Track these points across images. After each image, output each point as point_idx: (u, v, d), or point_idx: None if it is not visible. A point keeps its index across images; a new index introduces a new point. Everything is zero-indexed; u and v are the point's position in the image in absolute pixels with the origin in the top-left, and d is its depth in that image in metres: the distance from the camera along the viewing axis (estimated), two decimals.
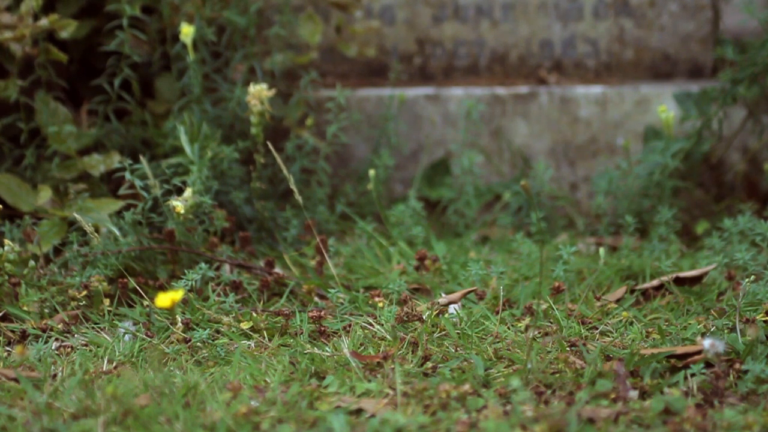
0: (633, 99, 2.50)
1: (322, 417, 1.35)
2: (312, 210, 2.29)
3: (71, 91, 2.33)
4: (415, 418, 1.34)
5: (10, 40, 2.18)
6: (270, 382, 1.50)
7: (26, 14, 2.18)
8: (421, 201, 2.33)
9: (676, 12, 2.62)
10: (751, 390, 1.43)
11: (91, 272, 1.90)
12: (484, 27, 2.66)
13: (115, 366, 1.60)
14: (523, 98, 2.52)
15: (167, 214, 2.02)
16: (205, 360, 1.62)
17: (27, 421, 1.35)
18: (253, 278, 1.97)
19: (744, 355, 1.50)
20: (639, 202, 2.32)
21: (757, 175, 2.43)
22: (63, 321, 1.78)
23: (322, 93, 2.48)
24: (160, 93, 2.35)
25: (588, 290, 1.86)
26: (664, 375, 1.48)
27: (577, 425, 1.31)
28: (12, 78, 2.21)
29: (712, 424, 1.33)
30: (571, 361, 1.52)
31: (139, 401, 1.39)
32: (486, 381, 1.48)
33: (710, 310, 1.79)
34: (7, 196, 2.15)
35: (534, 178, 2.41)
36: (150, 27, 2.32)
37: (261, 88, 2.15)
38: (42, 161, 2.23)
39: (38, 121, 2.22)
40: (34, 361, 1.60)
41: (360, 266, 2.10)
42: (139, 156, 2.09)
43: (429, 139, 2.52)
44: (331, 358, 1.58)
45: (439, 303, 1.79)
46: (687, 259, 2.12)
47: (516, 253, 2.15)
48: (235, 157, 2.18)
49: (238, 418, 1.34)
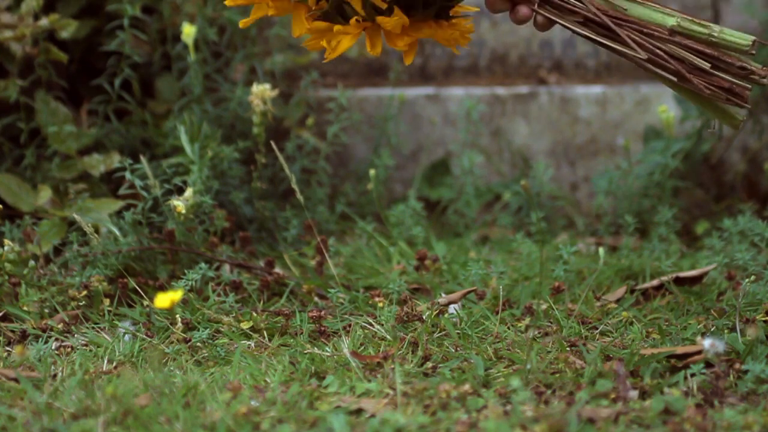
0: (633, 99, 2.50)
1: (322, 417, 1.35)
2: (312, 210, 2.29)
3: (71, 91, 2.33)
4: (415, 418, 1.34)
5: (11, 40, 2.18)
6: (270, 382, 1.50)
7: (26, 14, 2.18)
8: (421, 201, 2.33)
9: None
10: (751, 390, 1.44)
11: (91, 272, 1.90)
12: (484, 27, 2.65)
13: (115, 366, 1.60)
14: (523, 98, 2.52)
15: (167, 214, 2.02)
16: (205, 360, 1.62)
17: (27, 421, 1.35)
18: (253, 278, 1.97)
19: (744, 355, 1.50)
20: (639, 202, 2.32)
21: (757, 175, 2.43)
22: (63, 321, 1.78)
23: (322, 93, 2.48)
24: (161, 93, 2.35)
25: (588, 290, 1.86)
26: (664, 375, 1.48)
27: (577, 425, 1.31)
28: (12, 78, 2.21)
29: (712, 424, 1.33)
30: (571, 361, 1.52)
31: (139, 401, 1.39)
32: (486, 381, 1.48)
33: (710, 310, 1.79)
34: (7, 196, 2.15)
35: (534, 178, 2.41)
36: (150, 27, 2.32)
37: (264, 88, 2.16)
38: (42, 161, 2.23)
39: (38, 121, 2.22)
40: (34, 361, 1.60)
41: (360, 266, 2.10)
42: (139, 156, 2.09)
43: (429, 139, 2.52)
44: (331, 358, 1.58)
45: (439, 303, 1.79)
46: (687, 259, 2.12)
47: (516, 253, 2.15)
48: (235, 157, 2.18)
49: (238, 418, 1.34)
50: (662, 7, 1.55)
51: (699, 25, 1.53)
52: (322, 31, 1.59)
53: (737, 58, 1.52)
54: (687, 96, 1.55)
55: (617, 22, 1.53)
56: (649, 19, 1.53)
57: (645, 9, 1.54)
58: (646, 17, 1.53)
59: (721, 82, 1.51)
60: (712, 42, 1.52)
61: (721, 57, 1.52)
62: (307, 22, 1.57)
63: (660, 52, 1.52)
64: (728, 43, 1.52)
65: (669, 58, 1.52)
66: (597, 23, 1.53)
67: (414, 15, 1.57)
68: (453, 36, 1.61)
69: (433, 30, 1.59)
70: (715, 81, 1.51)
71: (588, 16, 1.54)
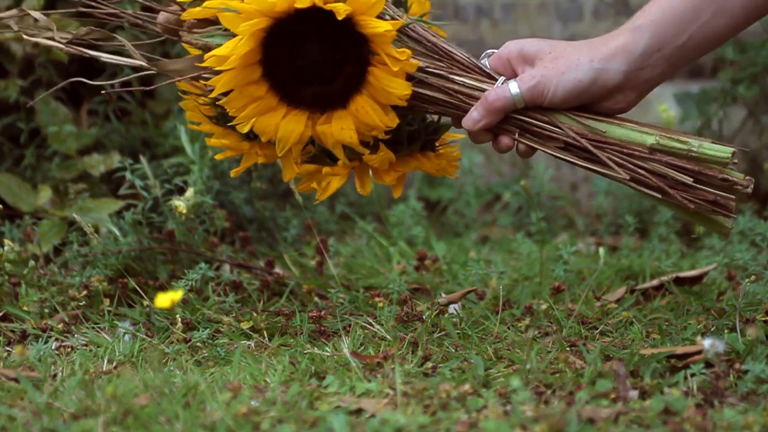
0: None
1: (322, 417, 1.35)
2: (312, 210, 2.29)
3: (71, 91, 2.33)
4: (415, 418, 1.34)
5: (11, 40, 2.18)
6: (270, 382, 1.50)
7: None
8: (421, 201, 2.33)
9: None
10: (751, 390, 1.44)
11: (91, 272, 1.90)
12: (484, 27, 2.65)
13: (115, 366, 1.60)
14: None
15: (167, 214, 2.02)
16: (205, 360, 1.62)
17: (27, 421, 1.35)
18: (253, 278, 1.97)
19: (744, 355, 1.50)
20: (639, 202, 2.32)
21: (757, 175, 2.43)
22: (63, 321, 1.78)
23: None
24: (161, 93, 2.35)
25: (588, 290, 1.86)
26: (664, 375, 1.48)
27: (577, 425, 1.31)
28: (12, 78, 2.21)
29: (712, 424, 1.33)
30: (571, 361, 1.52)
31: (139, 401, 1.39)
32: (486, 381, 1.48)
33: (710, 310, 1.79)
34: (7, 196, 2.15)
35: (534, 178, 2.41)
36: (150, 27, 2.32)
37: None
38: (42, 161, 2.23)
39: (38, 121, 2.22)
40: (34, 361, 1.60)
41: (360, 266, 2.10)
42: (139, 156, 2.09)
43: None
44: (331, 358, 1.58)
45: (439, 303, 1.79)
46: (687, 259, 2.12)
47: (516, 253, 2.15)
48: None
49: (238, 418, 1.34)
50: (641, 126, 1.56)
51: (678, 142, 1.54)
52: (312, 174, 1.64)
53: (719, 170, 1.54)
54: (674, 208, 1.57)
55: (597, 145, 1.55)
56: (629, 140, 1.55)
57: (623, 129, 1.56)
58: (626, 137, 1.55)
59: (705, 195, 1.53)
60: (692, 157, 1.54)
61: (703, 171, 1.53)
62: (296, 166, 1.61)
63: (642, 171, 1.54)
64: (708, 157, 1.53)
65: (651, 175, 1.54)
66: (577, 147, 1.55)
67: (400, 150, 1.60)
68: (441, 166, 1.65)
69: (419, 162, 1.64)
70: (699, 194, 1.53)
71: (568, 141, 1.56)
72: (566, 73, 1.54)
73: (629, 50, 1.55)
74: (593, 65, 1.54)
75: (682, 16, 1.54)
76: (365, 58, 1.53)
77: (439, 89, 1.58)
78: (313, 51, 1.54)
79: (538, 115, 1.56)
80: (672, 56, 1.55)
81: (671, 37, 1.55)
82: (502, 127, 1.57)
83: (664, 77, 1.57)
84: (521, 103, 1.56)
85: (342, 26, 1.50)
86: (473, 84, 1.58)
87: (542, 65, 1.55)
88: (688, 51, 1.56)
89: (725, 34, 1.56)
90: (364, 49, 1.52)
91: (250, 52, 1.51)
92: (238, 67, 1.52)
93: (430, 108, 1.60)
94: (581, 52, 1.55)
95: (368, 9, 1.49)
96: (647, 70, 1.56)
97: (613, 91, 1.55)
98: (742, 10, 1.54)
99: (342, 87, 1.56)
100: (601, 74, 1.54)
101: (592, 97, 1.56)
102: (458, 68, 1.59)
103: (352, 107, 1.56)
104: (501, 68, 1.59)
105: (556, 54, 1.55)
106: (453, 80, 1.58)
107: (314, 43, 1.54)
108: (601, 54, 1.55)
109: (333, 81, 1.56)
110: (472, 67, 1.59)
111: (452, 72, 1.58)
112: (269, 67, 1.54)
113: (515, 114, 1.57)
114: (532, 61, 1.56)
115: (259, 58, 1.53)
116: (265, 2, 1.48)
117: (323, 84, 1.56)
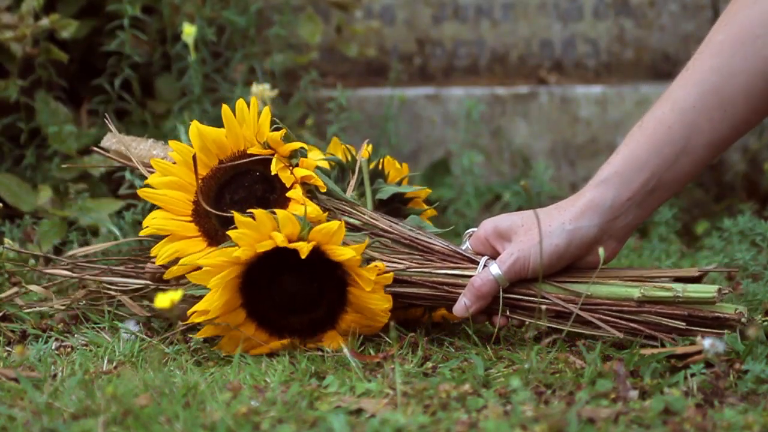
0: (633, 99, 2.50)
1: (322, 417, 1.35)
2: None
3: (71, 91, 2.34)
4: (415, 418, 1.34)
5: (11, 40, 2.18)
6: (270, 382, 1.50)
7: (27, 14, 2.18)
8: None
9: (676, 12, 2.62)
10: (751, 390, 1.44)
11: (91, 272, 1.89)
12: (484, 27, 2.66)
13: (115, 366, 1.60)
14: (523, 98, 2.53)
15: None
16: (205, 360, 1.62)
17: (27, 421, 1.35)
18: None
19: (744, 355, 1.50)
20: None
21: (757, 175, 2.43)
22: (63, 321, 1.78)
23: (322, 93, 2.48)
24: (161, 93, 2.35)
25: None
26: (664, 375, 1.48)
27: (577, 425, 1.31)
28: (12, 78, 2.21)
29: (712, 424, 1.33)
30: (571, 361, 1.52)
31: (139, 401, 1.39)
32: (486, 381, 1.48)
33: None
34: (7, 196, 2.15)
35: (534, 178, 2.41)
36: (150, 27, 2.33)
37: (264, 89, 2.16)
38: (42, 161, 2.23)
39: (38, 121, 2.22)
40: (34, 361, 1.60)
41: None
42: None
43: (429, 139, 2.52)
44: (331, 358, 1.58)
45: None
46: (687, 259, 2.12)
47: None
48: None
49: (238, 418, 1.34)
50: (624, 281, 1.59)
51: (663, 290, 1.56)
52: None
53: (709, 310, 1.56)
54: None
55: (585, 309, 1.58)
56: (616, 297, 1.58)
57: (608, 287, 1.59)
58: (612, 295, 1.58)
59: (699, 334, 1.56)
60: (679, 302, 1.56)
61: (693, 313, 1.56)
62: None
63: (634, 325, 1.57)
64: (695, 299, 1.56)
65: (644, 327, 1.56)
66: (567, 314, 1.58)
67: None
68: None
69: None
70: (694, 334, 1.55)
71: (558, 310, 1.59)
72: (542, 241, 1.56)
73: (597, 204, 1.57)
74: (565, 227, 1.57)
75: (645, 163, 1.56)
76: (342, 279, 1.59)
77: (424, 285, 1.62)
78: (293, 284, 1.60)
79: (524, 290, 1.60)
80: (643, 202, 1.58)
81: (639, 185, 1.57)
82: (494, 307, 1.61)
83: (642, 219, 1.60)
84: (505, 282, 1.59)
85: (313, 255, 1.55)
86: (456, 273, 1.62)
87: (517, 239, 1.59)
88: (659, 193, 1.58)
89: (692, 173, 1.58)
90: (338, 270, 1.58)
91: (229, 300, 1.57)
92: (222, 315, 1.57)
93: (419, 303, 1.64)
94: (552, 217, 1.58)
95: (331, 239, 1.55)
96: (621, 219, 1.58)
97: (593, 244, 1.58)
98: (705, 149, 1.56)
99: (327, 310, 1.62)
100: (575, 234, 1.57)
101: (573, 257, 1.59)
102: (438, 259, 1.63)
103: (342, 326, 1.62)
104: (482, 248, 1.63)
105: (528, 225, 1.58)
106: (436, 273, 1.62)
107: (293, 275, 1.59)
108: (570, 215, 1.57)
109: (318, 306, 1.61)
110: (451, 254, 1.63)
111: (433, 265, 1.62)
112: (252, 305, 1.60)
113: (504, 293, 1.60)
114: (508, 236, 1.60)
115: (241, 302, 1.59)
116: (229, 254, 1.54)
117: (309, 311, 1.62)
